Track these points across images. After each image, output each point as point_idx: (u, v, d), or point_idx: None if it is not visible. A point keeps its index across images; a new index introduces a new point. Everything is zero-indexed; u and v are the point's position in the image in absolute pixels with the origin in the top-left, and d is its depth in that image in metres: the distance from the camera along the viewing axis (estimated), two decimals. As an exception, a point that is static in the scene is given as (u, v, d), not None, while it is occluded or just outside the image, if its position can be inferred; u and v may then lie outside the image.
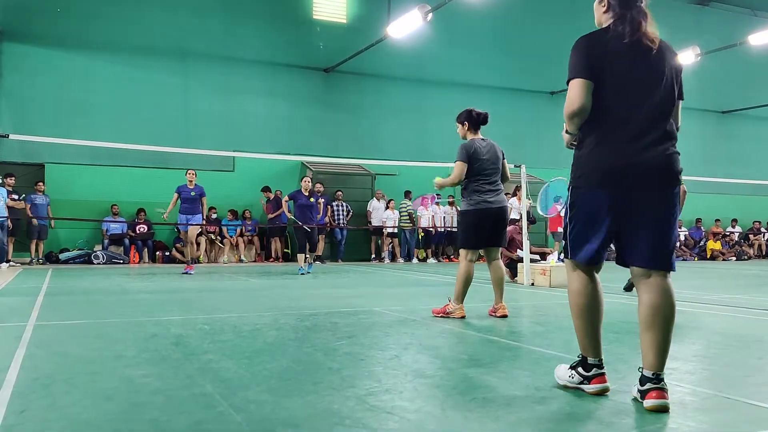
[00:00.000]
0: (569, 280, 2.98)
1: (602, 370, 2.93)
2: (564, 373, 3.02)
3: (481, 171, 5.58)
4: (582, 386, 2.93)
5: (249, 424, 2.47)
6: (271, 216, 15.61)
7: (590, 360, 2.93)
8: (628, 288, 8.02)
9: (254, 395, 2.88)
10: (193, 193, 11.32)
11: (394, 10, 14.94)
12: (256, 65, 16.64)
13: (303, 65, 17.14)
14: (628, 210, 2.76)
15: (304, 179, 12.15)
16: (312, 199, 11.82)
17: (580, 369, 2.95)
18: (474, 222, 5.59)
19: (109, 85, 15.18)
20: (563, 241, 2.98)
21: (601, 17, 2.95)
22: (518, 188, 13.31)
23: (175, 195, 11.38)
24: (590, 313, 2.91)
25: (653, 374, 2.70)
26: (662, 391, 2.66)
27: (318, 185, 15.58)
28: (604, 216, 2.78)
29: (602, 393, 2.90)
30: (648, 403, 2.65)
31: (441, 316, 5.55)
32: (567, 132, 2.99)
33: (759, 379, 3.35)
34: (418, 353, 4.00)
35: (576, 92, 2.84)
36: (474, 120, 5.78)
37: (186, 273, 11.05)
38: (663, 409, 2.62)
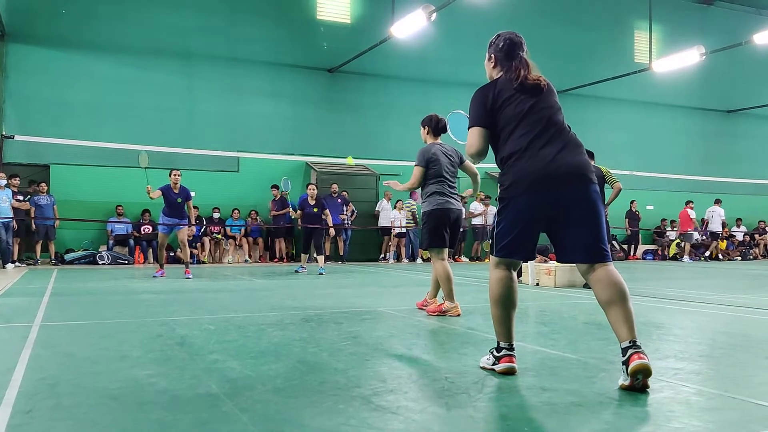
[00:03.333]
0: (491, 274, 3.36)
1: (511, 353, 3.31)
2: (484, 358, 3.46)
3: (440, 173, 5.79)
4: (494, 366, 3.33)
5: (254, 424, 2.47)
6: (275, 213, 15.65)
7: (502, 344, 3.33)
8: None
9: (259, 395, 2.89)
10: (179, 200, 10.21)
11: (398, 10, 14.93)
12: (260, 66, 16.65)
13: (307, 65, 17.15)
14: (555, 213, 3.18)
15: (309, 186, 12.19)
16: (316, 209, 11.89)
17: (494, 351, 3.37)
18: (439, 221, 5.77)
19: (114, 86, 15.20)
20: (491, 240, 3.42)
21: (492, 71, 3.58)
22: None
23: (158, 192, 10.14)
24: (506, 302, 3.31)
25: (630, 342, 3.00)
26: (641, 353, 2.94)
27: (334, 186, 15.66)
28: (526, 220, 3.21)
29: (509, 372, 3.26)
30: (631, 366, 2.91)
31: (437, 314, 5.58)
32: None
33: (764, 379, 3.34)
34: (423, 353, 4.00)
35: (473, 138, 3.39)
36: (435, 126, 5.99)
37: (156, 276, 10.23)
38: (644, 369, 2.90)
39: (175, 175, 10.29)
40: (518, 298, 3.36)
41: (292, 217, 12.34)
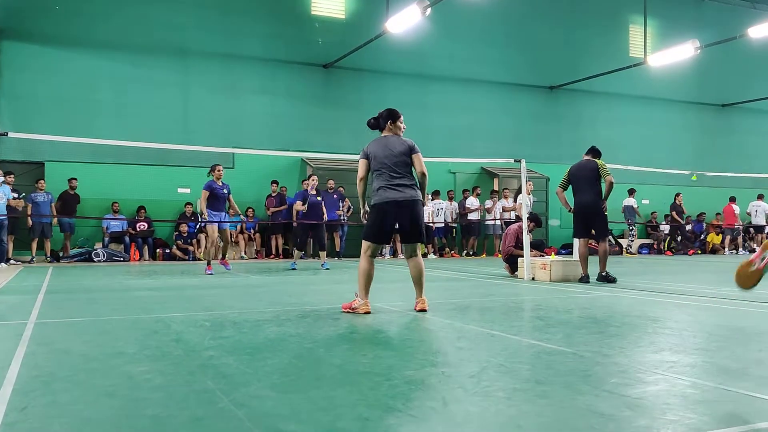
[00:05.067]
0: None
1: None
2: None
3: (381, 167, 5.57)
4: None
5: (250, 419, 2.47)
6: (273, 210, 15.63)
7: None
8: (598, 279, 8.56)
9: (256, 391, 2.88)
10: (224, 191, 10.67)
11: (393, 5, 14.90)
12: (255, 62, 16.61)
13: (302, 61, 17.11)
14: None
15: (311, 178, 12.20)
16: (319, 198, 11.89)
17: None
18: (378, 216, 5.57)
19: (109, 83, 15.15)
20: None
21: None
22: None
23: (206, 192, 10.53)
24: None
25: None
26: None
27: (330, 182, 15.64)
28: None
29: None
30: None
31: (348, 311, 5.48)
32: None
33: (760, 372, 3.35)
34: (419, 348, 4.00)
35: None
36: (373, 125, 5.94)
37: (227, 269, 10.89)
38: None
39: (219, 169, 10.47)
40: None
41: (297, 210, 12.22)
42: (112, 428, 2.38)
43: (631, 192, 19.49)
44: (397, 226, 5.55)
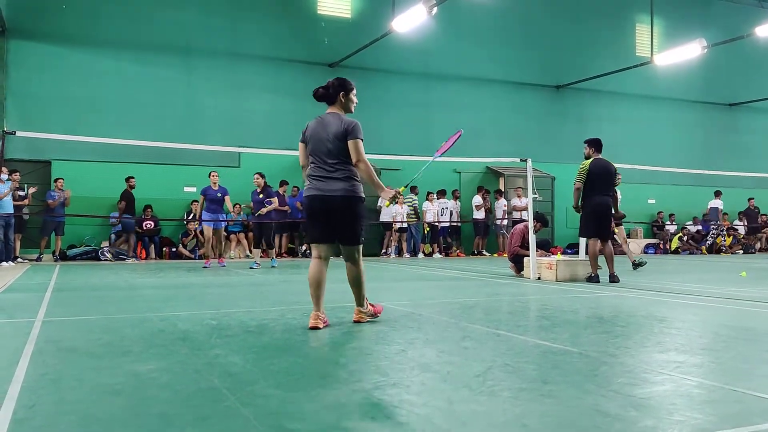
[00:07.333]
0: None
1: None
2: None
3: (312, 152, 4.87)
4: None
5: (256, 418, 2.48)
6: (280, 209, 15.65)
7: None
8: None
9: (261, 390, 2.89)
10: (219, 194, 12.23)
11: (399, 4, 14.89)
12: (260, 61, 16.63)
13: (308, 60, 17.12)
14: None
15: (255, 176, 12.54)
16: (261, 195, 12.50)
17: None
18: (307, 212, 4.86)
19: (115, 82, 15.20)
20: None
21: None
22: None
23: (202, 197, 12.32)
24: None
25: None
26: None
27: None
28: None
29: None
30: None
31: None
32: None
33: (766, 372, 3.33)
34: (425, 347, 4.00)
35: None
36: (321, 95, 5.21)
37: (206, 267, 11.82)
38: None
39: (214, 176, 12.25)
40: None
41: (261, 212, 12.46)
42: (118, 426, 2.39)
43: (717, 194, 19.56)
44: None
